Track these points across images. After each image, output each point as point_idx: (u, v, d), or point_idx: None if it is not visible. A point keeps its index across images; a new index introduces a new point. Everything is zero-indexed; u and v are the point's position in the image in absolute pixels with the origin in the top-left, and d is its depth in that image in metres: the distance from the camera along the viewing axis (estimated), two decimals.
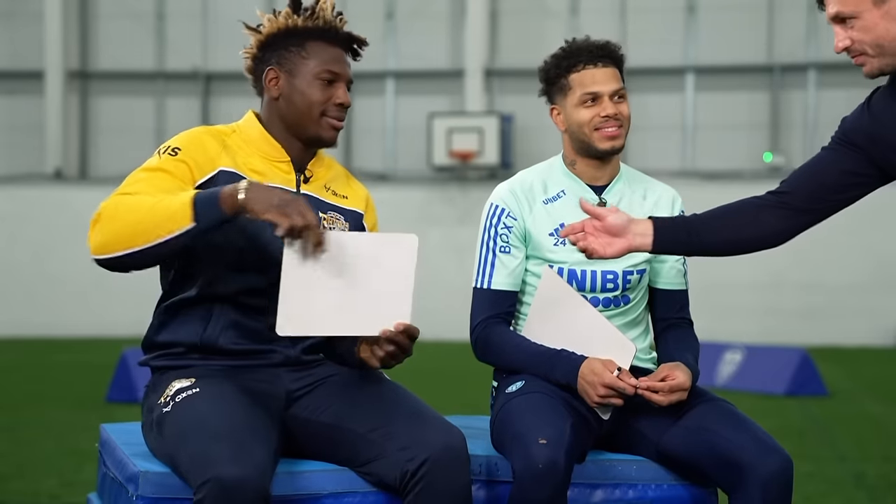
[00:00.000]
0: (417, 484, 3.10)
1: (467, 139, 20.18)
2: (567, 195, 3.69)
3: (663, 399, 3.43)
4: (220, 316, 3.34)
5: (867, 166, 3.28)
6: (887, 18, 3.09)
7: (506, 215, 3.67)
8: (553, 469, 3.22)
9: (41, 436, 8.58)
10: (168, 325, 3.39)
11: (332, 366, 3.44)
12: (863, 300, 19.52)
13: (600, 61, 3.64)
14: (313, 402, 3.33)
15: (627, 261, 3.64)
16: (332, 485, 3.24)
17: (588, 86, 3.64)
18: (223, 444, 3.01)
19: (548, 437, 3.25)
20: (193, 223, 3.06)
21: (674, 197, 3.78)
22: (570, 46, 3.68)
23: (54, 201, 21.23)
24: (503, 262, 3.65)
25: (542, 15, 21.09)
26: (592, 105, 3.64)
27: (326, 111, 3.41)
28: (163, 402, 3.25)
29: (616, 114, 3.63)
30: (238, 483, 2.93)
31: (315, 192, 3.44)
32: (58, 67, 21.74)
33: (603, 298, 3.65)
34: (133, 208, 3.10)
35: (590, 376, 3.45)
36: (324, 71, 3.41)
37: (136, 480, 3.18)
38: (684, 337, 3.71)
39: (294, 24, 3.41)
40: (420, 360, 17.14)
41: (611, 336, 3.50)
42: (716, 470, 3.37)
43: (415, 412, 3.24)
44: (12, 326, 20.72)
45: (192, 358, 3.36)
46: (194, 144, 3.33)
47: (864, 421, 9.87)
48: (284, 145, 3.43)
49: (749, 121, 20.52)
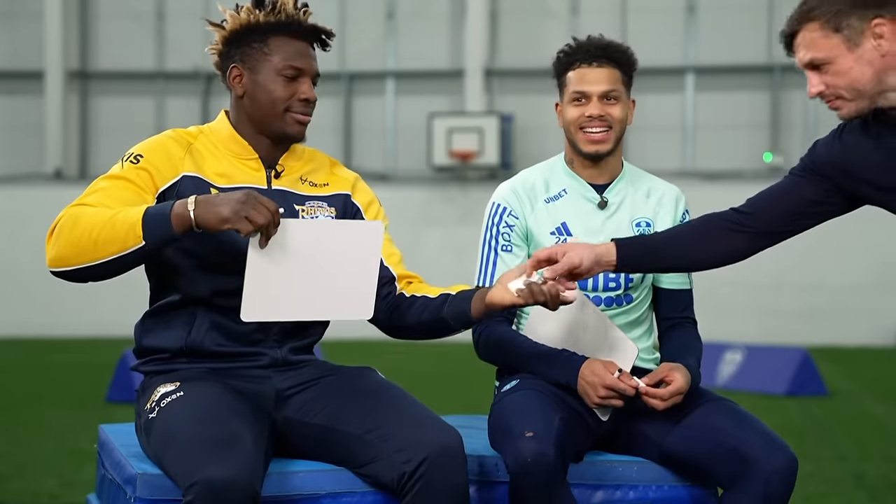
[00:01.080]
0: (415, 485, 3.09)
1: (467, 139, 20.17)
2: (568, 194, 3.69)
3: (662, 404, 3.43)
4: (204, 319, 3.34)
5: (833, 195, 3.30)
6: (861, 62, 3.08)
7: (507, 214, 3.68)
8: (542, 461, 3.21)
9: (41, 436, 8.58)
10: (153, 331, 3.39)
11: (324, 366, 3.43)
12: (863, 300, 19.52)
13: (595, 61, 3.63)
14: (306, 404, 3.32)
15: None
16: (330, 485, 3.24)
17: (578, 84, 3.64)
18: (209, 446, 3.00)
19: (535, 430, 3.25)
20: (142, 242, 3.07)
21: (677, 196, 3.77)
22: (575, 43, 3.69)
23: (54, 201, 21.12)
24: (505, 261, 3.65)
25: (542, 15, 21.08)
26: (580, 104, 3.64)
27: (290, 107, 3.39)
28: (149, 407, 3.26)
29: (602, 115, 3.61)
30: (226, 484, 2.91)
31: (288, 185, 3.43)
32: (58, 67, 21.74)
33: (605, 297, 3.65)
34: (88, 223, 3.10)
35: (590, 377, 3.44)
36: (286, 67, 3.38)
37: (134, 482, 3.18)
38: (687, 338, 3.70)
39: (255, 19, 3.39)
40: (421, 361, 17.13)
41: (614, 337, 3.50)
42: (719, 464, 3.36)
43: (411, 413, 3.23)
44: (12, 326, 20.71)
45: (180, 362, 3.36)
46: (157, 151, 3.33)
47: (864, 421, 9.87)
48: (252, 142, 3.42)
49: (749, 121, 20.51)
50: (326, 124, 20.85)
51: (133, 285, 15.48)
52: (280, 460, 3.30)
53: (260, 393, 3.33)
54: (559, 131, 3.75)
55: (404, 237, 21.73)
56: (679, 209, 3.74)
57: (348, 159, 21.07)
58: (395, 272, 3.46)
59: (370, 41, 21.16)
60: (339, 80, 20.81)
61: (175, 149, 3.35)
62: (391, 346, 17.22)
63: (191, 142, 3.39)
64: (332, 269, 3.18)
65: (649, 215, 3.71)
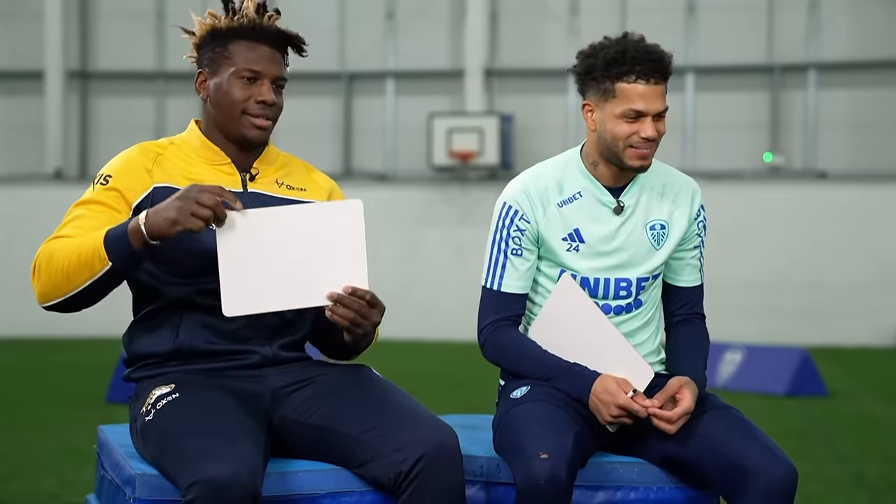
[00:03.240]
0: (411, 483, 3.10)
1: (467, 139, 20.16)
2: (583, 197, 3.59)
3: (671, 427, 3.40)
4: (190, 320, 3.35)
5: None
6: None
7: (519, 217, 3.57)
8: (555, 483, 3.20)
9: (41, 436, 8.57)
10: (141, 338, 3.40)
11: (318, 365, 3.43)
12: (863, 300, 19.50)
13: (653, 77, 3.47)
14: (302, 404, 3.31)
15: (643, 267, 3.59)
16: (329, 484, 3.24)
17: (635, 102, 3.48)
18: (210, 444, 3.00)
19: (549, 451, 3.22)
20: (109, 264, 3.13)
21: (694, 191, 3.70)
22: (623, 48, 3.49)
23: (54, 201, 21.19)
24: (514, 265, 3.58)
25: (542, 15, 21.06)
26: (633, 122, 3.49)
27: (247, 109, 3.38)
28: (144, 410, 3.25)
29: (655, 136, 3.52)
30: (227, 482, 2.92)
31: (264, 188, 3.43)
32: (58, 67, 21.73)
33: (615, 306, 3.59)
34: (59, 256, 3.18)
35: (604, 395, 3.41)
36: (244, 69, 3.38)
37: (133, 483, 3.18)
38: (695, 336, 3.67)
39: (218, 25, 3.42)
40: (421, 361, 17.11)
41: (629, 357, 3.45)
42: (719, 475, 3.35)
43: (408, 412, 3.22)
44: (11, 326, 20.71)
45: (170, 366, 3.36)
46: (124, 168, 3.35)
47: (864, 421, 9.86)
48: (223, 148, 3.43)
49: (749, 121, 20.50)
50: (326, 124, 20.83)
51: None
52: (279, 460, 3.29)
53: (256, 393, 3.33)
54: (559, 131, 3.73)
55: (404, 237, 21.81)
56: (694, 206, 3.67)
57: (348, 159, 21.05)
58: None
59: (370, 41, 21.14)
60: (339, 80, 20.79)
61: (142, 162, 3.37)
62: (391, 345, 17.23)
63: (159, 152, 3.41)
64: (315, 254, 3.14)
65: (664, 217, 3.63)
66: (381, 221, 19.71)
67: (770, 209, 19.52)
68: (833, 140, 20.11)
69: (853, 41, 19.87)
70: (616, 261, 3.58)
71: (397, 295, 20.07)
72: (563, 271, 3.56)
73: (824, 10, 19.83)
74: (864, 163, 19.91)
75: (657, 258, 3.60)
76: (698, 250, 3.69)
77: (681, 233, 3.65)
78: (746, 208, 19.49)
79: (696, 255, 3.68)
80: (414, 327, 19.78)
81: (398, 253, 20.13)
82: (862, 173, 19.74)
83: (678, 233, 3.64)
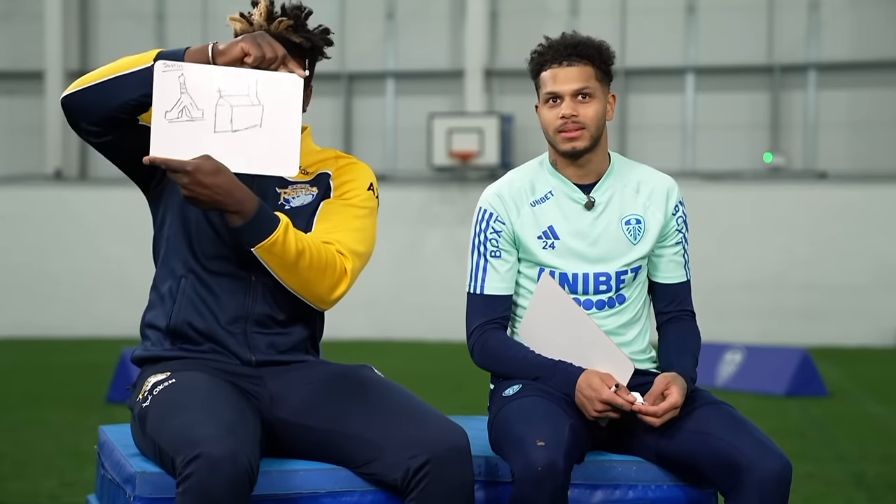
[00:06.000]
0: (420, 482, 3.10)
1: (467, 139, 20.16)
2: (555, 196, 3.65)
3: (657, 421, 3.42)
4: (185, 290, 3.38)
5: None
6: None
7: (494, 220, 3.64)
8: (552, 471, 3.21)
9: (41, 436, 8.57)
10: (149, 309, 3.46)
11: (317, 364, 3.43)
12: (863, 301, 19.51)
13: (566, 59, 3.59)
14: (302, 406, 3.32)
15: (621, 260, 3.62)
16: (329, 483, 3.24)
17: (549, 85, 3.61)
18: (207, 423, 3.02)
19: (546, 440, 3.25)
20: (152, 62, 3.19)
21: (669, 188, 3.70)
22: (549, 44, 3.64)
23: (54, 201, 21.21)
24: (494, 267, 3.63)
25: (542, 15, 21.07)
26: (554, 105, 3.61)
27: None
28: (141, 397, 3.28)
29: (574, 114, 3.58)
30: (226, 459, 2.93)
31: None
32: (58, 67, 21.73)
33: (597, 301, 3.62)
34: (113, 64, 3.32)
35: (587, 391, 3.44)
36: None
37: (133, 481, 3.18)
38: (685, 334, 3.68)
39: (241, 27, 3.47)
40: (421, 361, 17.10)
41: (610, 352, 3.48)
42: (714, 471, 3.37)
43: (414, 409, 3.23)
44: (12, 326, 20.70)
45: (165, 347, 3.38)
46: None
47: (864, 421, 9.86)
48: None
49: (749, 121, 20.50)
50: (326, 124, 20.84)
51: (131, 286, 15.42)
52: (279, 459, 3.30)
53: (255, 393, 3.33)
54: None
55: (404, 237, 21.78)
56: (670, 203, 3.68)
57: None
58: None
59: (370, 41, 21.15)
60: (339, 81, 20.80)
61: None
62: (391, 346, 17.25)
63: None
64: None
65: (639, 211, 3.66)
66: (381, 221, 19.67)
67: (770, 210, 19.52)
68: (833, 140, 20.12)
69: (853, 41, 19.88)
70: (592, 255, 3.61)
71: (397, 295, 20.09)
72: (542, 270, 3.59)
73: (824, 10, 19.84)
74: (864, 163, 19.91)
75: (635, 252, 3.63)
76: (680, 246, 3.70)
77: (658, 228, 3.66)
78: (746, 209, 19.49)
79: (678, 252, 3.69)
80: (414, 327, 19.79)
81: (398, 253, 20.13)
82: (862, 173, 19.75)
83: (655, 228, 3.66)
